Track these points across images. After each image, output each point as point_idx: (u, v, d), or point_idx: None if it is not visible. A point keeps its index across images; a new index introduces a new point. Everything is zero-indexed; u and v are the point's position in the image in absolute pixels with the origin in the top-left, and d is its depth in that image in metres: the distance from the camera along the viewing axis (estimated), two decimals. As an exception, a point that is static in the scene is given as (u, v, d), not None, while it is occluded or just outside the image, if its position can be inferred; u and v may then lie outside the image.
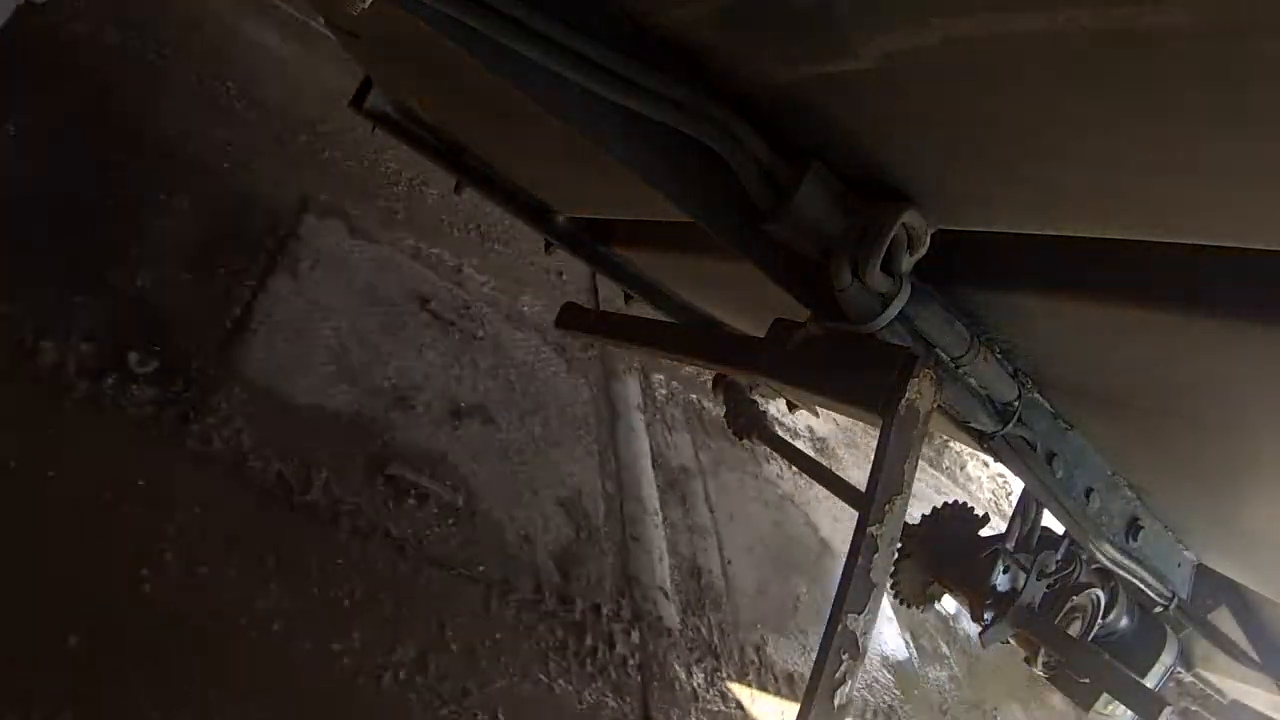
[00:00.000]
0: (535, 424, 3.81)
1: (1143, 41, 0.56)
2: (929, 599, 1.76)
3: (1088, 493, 1.38)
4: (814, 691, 0.90)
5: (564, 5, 0.92)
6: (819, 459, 4.20)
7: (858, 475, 4.12)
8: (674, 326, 2.24)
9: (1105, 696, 1.58)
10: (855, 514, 0.97)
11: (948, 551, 1.71)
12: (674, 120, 0.98)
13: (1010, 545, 1.61)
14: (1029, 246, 1.00)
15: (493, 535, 3.17)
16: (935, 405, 0.98)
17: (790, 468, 4.93)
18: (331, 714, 2.31)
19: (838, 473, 1.87)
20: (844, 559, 0.94)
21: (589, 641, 3.08)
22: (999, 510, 6.54)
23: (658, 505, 3.99)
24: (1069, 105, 0.67)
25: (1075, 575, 1.66)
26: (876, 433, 0.97)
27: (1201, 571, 1.70)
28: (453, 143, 2.16)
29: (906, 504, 0.97)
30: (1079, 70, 0.62)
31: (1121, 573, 1.52)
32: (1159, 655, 1.75)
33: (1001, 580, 1.61)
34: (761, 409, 2.55)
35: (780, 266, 1.07)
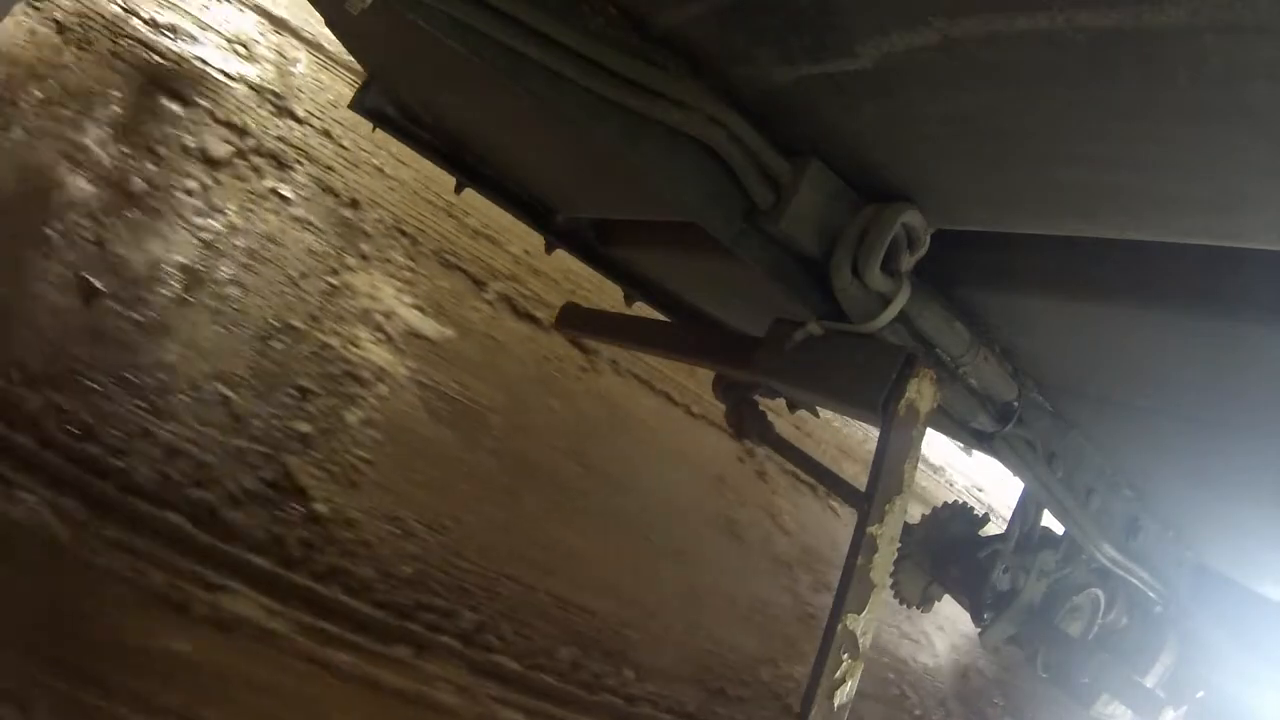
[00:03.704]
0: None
1: (1143, 41, 0.56)
2: (929, 599, 1.76)
3: (1088, 493, 1.38)
4: (814, 691, 0.90)
5: (564, 4, 0.92)
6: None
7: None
8: (674, 326, 2.24)
9: (1105, 696, 1.58)
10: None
11: (947, 551, 1.71)
12: (674, 120, 0.97)
13: (1010, 545, 1.61)
14: (1029, 246, 1.00)
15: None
16: (935, 405, 0.98)
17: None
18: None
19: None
20: None
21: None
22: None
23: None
24: (1068, 105, 0.67)
25: (1075, 575, 1.66)
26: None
27: (1201, 571, 1.70)
28: (452, 142, 2.16)
29: (906, 504, 0.97)
30: (1078, 70, 0.62)
31: (1121, 573, 1.52)
32: (1159, 655, 1.75)
33: (1001, 580, 1.60)
34: (762, 409, 2.55)
35: (780, 266, 1.07)
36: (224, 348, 2.63)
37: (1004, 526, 1.64)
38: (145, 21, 2.88)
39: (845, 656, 0.92)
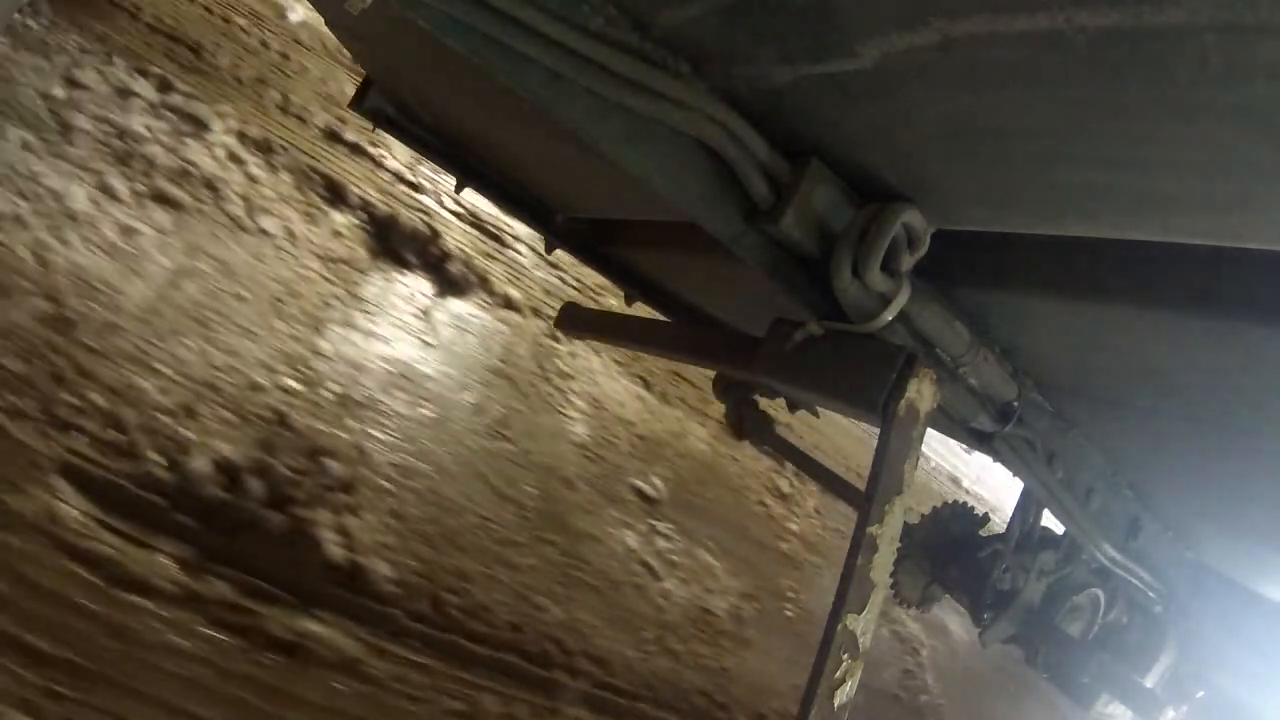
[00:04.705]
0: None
1: (1143, 41, 0.56)
2: (929, 599, 1.76)
3: (1088, 493, 1.38)
4: (814, 691, 0.90)
5: (564, 4, 0.92)
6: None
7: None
8: (674, 326, 2.24)
9: (1105, 696, 1.58)
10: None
11: (948, 551, 1.71)
12: (674, 120, 0.97)
13: (1010, 545, 1.61)
14: (1029, 246, 1.00)
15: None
16: (935, 405, 0.98)
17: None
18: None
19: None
20: None
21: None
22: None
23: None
24: (1068, 105, 0.67)
25: (1075, 575, 1.66)
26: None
27: (1201, 571, 1.70)
28: (452, 142, 2.16)
29: (906, 504, 0.97)
30: (1078, 70, 0.62)
31: (1121, 573, 1.52)
32: (1159, 655, 1.75)
33: (1001, 580, 1.60)
34: (763, 409, 2.55)
35: (780, 266, 1.07)
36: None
37: (1004, 526, 1.64)
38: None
39: (845, 656, 0.92)
